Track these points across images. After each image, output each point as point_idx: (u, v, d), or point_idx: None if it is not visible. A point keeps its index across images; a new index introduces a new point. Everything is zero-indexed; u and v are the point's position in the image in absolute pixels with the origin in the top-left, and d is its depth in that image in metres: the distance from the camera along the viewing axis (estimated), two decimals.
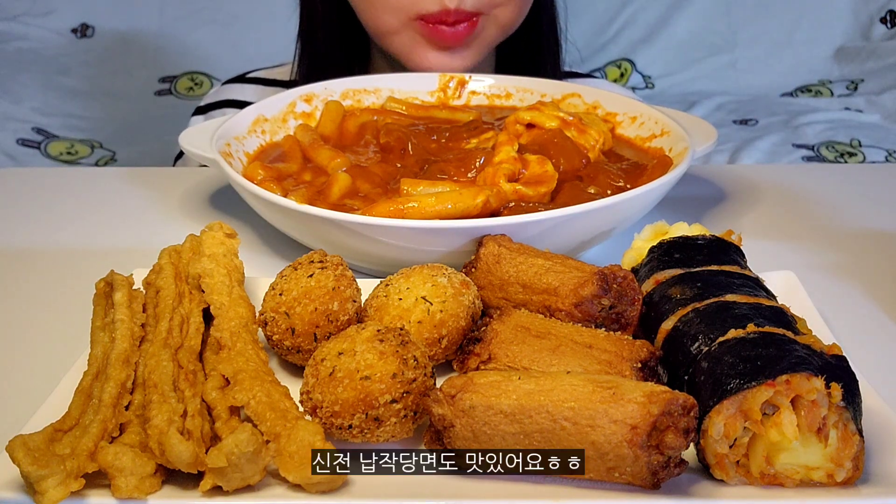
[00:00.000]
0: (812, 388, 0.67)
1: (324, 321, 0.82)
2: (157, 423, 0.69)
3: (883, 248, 1.15)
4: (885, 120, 2.66)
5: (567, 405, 0.68)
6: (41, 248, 1.18)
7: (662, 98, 2.84)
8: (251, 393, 0.73)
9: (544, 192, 1.07)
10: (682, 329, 0.78)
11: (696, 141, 1.14)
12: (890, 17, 3.02)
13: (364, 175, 1.13)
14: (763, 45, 3.06)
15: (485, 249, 0.92)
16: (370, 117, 1.30)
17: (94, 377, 0.77)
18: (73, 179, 1.48)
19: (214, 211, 1.27)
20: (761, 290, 0.82)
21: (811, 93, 2.94)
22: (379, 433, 0.72)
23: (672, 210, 1.16)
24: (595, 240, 1.06)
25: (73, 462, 0.66)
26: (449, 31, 1.42)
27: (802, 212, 1.27)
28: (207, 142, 1.14)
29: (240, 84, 1.73)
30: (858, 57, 2.99)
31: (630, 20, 3.12)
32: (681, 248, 0.90)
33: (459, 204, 1.01)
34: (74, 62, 2.99)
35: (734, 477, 0.70)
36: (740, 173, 1.45)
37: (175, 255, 0.91)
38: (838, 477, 0.69)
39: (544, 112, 1.21)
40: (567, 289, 0.85)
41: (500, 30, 1.49)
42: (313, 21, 1.60)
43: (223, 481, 0.67)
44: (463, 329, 0.83)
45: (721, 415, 0.69)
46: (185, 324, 0.82)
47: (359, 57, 1.62)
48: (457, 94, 1.39)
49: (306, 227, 1.04)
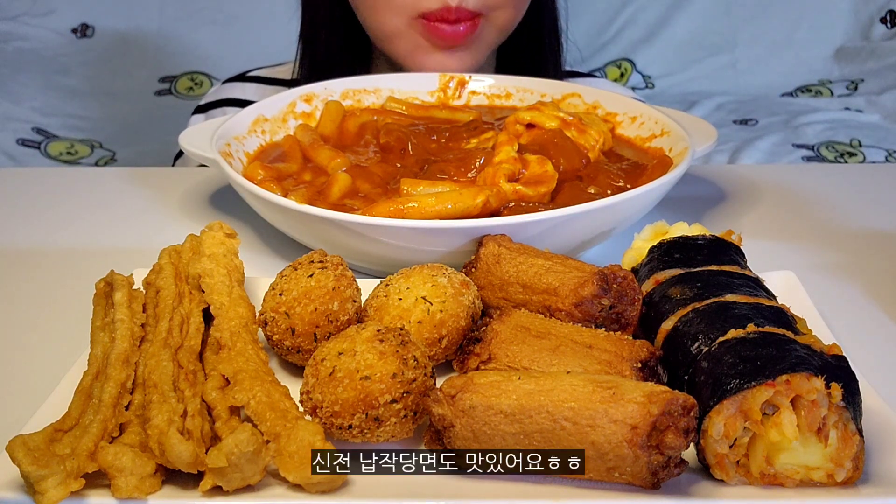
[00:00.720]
0: (812, 388, 0.67)
1: (324, 321, 0.82)
2: (157, 423, 0.69)
3: (883, 248, 1.15)
4: (885, 120, 2.66)
5: (567, 405, 0.68)
6: (41, 248, 1.18)
7: (662, 98, 2.84)
8: (251, 393, 0.73)
9: (544, 193, 1.07)
10: (682, 329, 0.78)
11: (696, 141, 1.14)
12: (890, 17, 3.02)
13: (364, 175, 1.13)
14: (763, 45, 3.06)
15: (485, 249, 0.92)
16: (370, 117, 1.30)
17: (94, 377, 0.77)
18: (73, 179, 1.48)
19: (214, 211, 1.27)
20: (761, 290, 0.82)
21: (811, 93, 2.94)
22: (379, 433, 0.72)
23: (672, 210, 1.16)
24: (595, 240, 1.06)
25: (73, 462, 0.66)
26: (449, 29, 1.42)
27: (802, 212, 1.27)
28: (207, 142, 1.14)
29: (240, 83, 1.73)
30: (858, 57, 2.99)
31: (630, 20, 3.12)
32: (681, 248, 0.90)
33: (459, 204, 1.01)
34: (74, 62, 2.99)
35: (734, 477, 0.70)
36: (740, 173, 1.45)
37: (175, 255, 0.91)
38: (838, 477, 0.69)
39: (544, 112, 1.21)
40: (567, 289, 0.85)
41: (499, 32, 1.50)
42: (315, 24, 1.60)
43: (223, 481, 0.67)
44: (463, 329, 0.83)
45: (721, 415, 0.69)
46: (185, 324, 0.82)
47: (360, 60, 1.62)
48: (457, 95, 1.39)
49: (306, 227, 1.04)
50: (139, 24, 3.08)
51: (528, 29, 1.60)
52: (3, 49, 2.94)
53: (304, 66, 1.62)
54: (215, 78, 2.97)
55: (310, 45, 1.62)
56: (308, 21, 1.62)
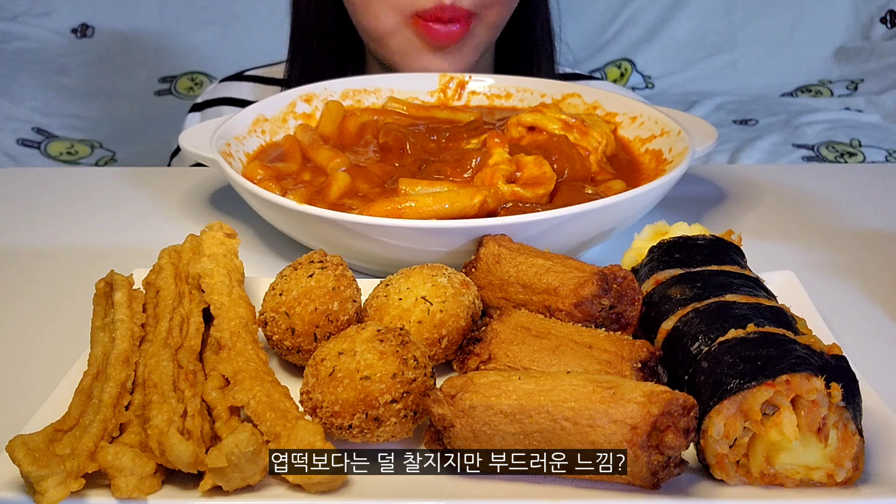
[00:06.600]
0: (812, 388, 0.67)
1: (324, 321, 0.82)
2: (157, 423, 0.69)
3: (883, 248, 1.15)
4: (885, 120, 2.66)
5: (567, 405, 0.68)
6: (41, 248, 1.18)
7: (662, 98, 2.84)
8: (251, 393, 0.73)
9: (542, 194, 1.07)
10: (682, 329, 0.78)
11: (696, 141, 1.14)
12: (890, 17, 3.02)
13: (363, 175, 1.13)
14: (763, 45, 3.06)
15: (485, 249, 0.92)
16: (370, 117, 1.30)
17: (94, 377, 0.77)
18: (73, 179, 1.48)
19: (214, 211, 1.27)
20: (761, 290, 0.82)
21: (811, 93, 2.94)
22: (379, 433, 0.72)
23: (672, 210, 1.16)
24: (595, 240, 1.06)
25: (73, 462, 0.66)
26: (443, 30, 1.42)
27: (802, 212, 1.27)
28: (207, 142, 1.14)
29: (237, 82, 1.73)
30: (858, 57, 2.99)
31: (630, 20, 3.12)
32: (681, 248, 0.90)
33: (457, 204, 1.01)
34: (74, 62, 2.99)
35: (734, 477, 0.70)
36: (740, 173, 1.45)
37: (175, 255, 0.91)
38: (838, 477, 0.69)
39: (546, 115, 1.21)
40: (567, 289, 0.85)
41: (491, 30, 1.50)
42: (306, 25, 1.60)
43: (223, 481, 0.67)
44: (463, 329, 0.83)
45: (721, 415, 0.69)
46: (185, 324, 0.82)
47: (353, 62, 1.62)
48: (457, 96, 1.39)
49: (305, 227, 1.04)
50: (139, 24, 3.08)
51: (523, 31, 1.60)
52: (3, 49, 2.94)
53: (296, 67, 1.62)
54: (215, 78, 2.96)
55: (300, 46, 1.62)
56: (298, 22, 1.61)
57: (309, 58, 1.60)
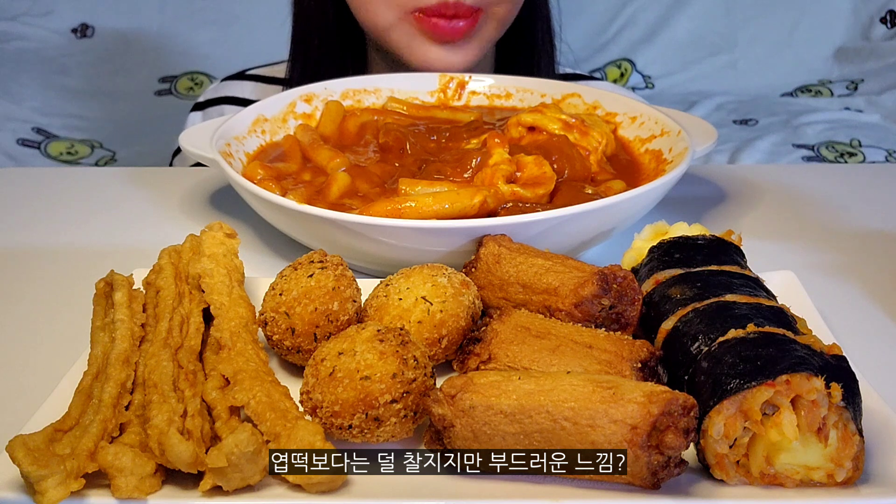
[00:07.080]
0: (812, 388, 0.67)
1: (324, 321, 0.82)
2: (157, 423, 0.69)
3: (883, 248, 1.15)
4: (885, 120, 2.66)
5: (567, 405, 0.68)
6: (41, 248, 1.18)
7: (662, 98, 2.84)
8: (251, 393, 0.73)
9: (542, 194, 1.07)
10: (682, 329, 0.78)
11: (696, 141, 1.14)
12: (890, 17, 3.02)
13: (363, 175, 1.13)
14: (763, 45, 3.06)
15: (485, 249, 0.92)
16: (371, 117, 1.30)
17: (94, 377, 0.77)
18: (73, 179, 1.48)
19: (214, 211, 1.27)
20: (761, 290, 0.82)
21: (811, 93, 2.94)
22: (379, 433, 0.72)
23: (672, 210, 1.16)
24: (595, 240, 1.06)
25: (73, 462, 0.66)
26: (446, 25, 1.41)
27: (802, 212, 1.27)
28: (207, 141, 1.14)
29: (238, 81, 1.73)
30: (858, 57, 2.99)
31: (630, 20, 3.12)
32: (681, 248, 0.90)
33: (457, 204, 1.01)
34: (74, 62, 2.99)
35: (734, 477, 0.70)
36: (740, 173, 1.45)
37: (175, 255, 0.91)
38: (838, 477, 0.69)
39: (546, 115, 1.21)
40: (567, 289, 0.85)
41: (499, 25, 1.49)
42: (307, 24, 1.59)
43: (223, 481, 0.67)
44: (463, 329, 0.83)
45: (721, 415, 0.69)
46: (185, 324, 0.82)
47: (355, 60, 1.62)
48: (457, 96, 1.39)
49: (305, 227, 1.04)
50: (139, 24, 3.08)
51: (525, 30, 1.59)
52: (3, 49, 2.94)
53: (297, 66, 1.62)
54: (215, 78, 2.96)
55: (302, 45, 1.61)
56: (300, 21, 1.61)
57: (310, 57, 1.60)
